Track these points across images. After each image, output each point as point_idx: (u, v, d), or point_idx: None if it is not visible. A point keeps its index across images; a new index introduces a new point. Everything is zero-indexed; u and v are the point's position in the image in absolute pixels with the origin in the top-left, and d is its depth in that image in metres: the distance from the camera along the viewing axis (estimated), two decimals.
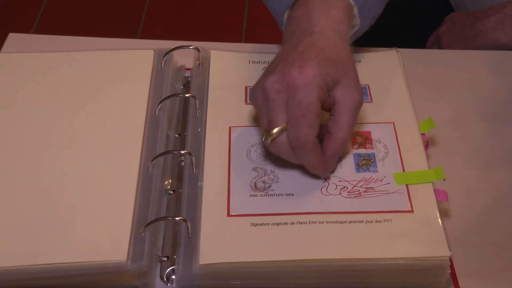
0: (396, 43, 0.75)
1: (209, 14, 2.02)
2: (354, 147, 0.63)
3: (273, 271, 0.55)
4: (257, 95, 0.58)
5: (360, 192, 0.59)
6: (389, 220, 0.57)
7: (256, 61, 0.72)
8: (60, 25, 1.96)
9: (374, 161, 0.62)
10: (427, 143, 0.65)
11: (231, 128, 0.65)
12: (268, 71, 0.59)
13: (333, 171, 0.60)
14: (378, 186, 0.59)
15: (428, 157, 0.63)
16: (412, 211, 0.57)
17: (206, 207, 0.58)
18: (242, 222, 0.57)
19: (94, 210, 0.58)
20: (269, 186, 0.60)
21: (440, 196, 0.59)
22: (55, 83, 0.70)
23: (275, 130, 0.56)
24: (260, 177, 0.60)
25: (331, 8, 0.61)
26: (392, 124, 0.65)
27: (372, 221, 0.56)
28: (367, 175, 0.60)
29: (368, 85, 0.69)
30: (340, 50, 0.59)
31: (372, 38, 0.72)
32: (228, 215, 0.57)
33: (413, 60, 0.76)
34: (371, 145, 0.63)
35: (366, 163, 0.62)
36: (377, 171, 0.61)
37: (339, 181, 0.60)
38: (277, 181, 0.60)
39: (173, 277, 0.56)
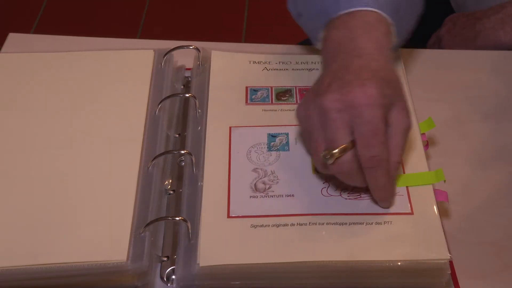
0: None
1: (209, 14, 2.02)
2: None
3: (274, 272, 0.55)
4: (311, 113, 0.56)
5: (360, 194, 0.59)
6: (389, 222, 0.56)
7: (256, 61, 0.72)
8: (60, 25, 1.96)
9: None
10: (427, 143, 0.65)
11: (232, 128, 0.65)
12: (320, 90, 0.56)
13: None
14: None
15: (428, 157, 0.63)
16: (412, 213, 0.57)
17: (206, 208, 0.58)
18: (242, 224, 0.57)
19: (94, 210, 0.58)
20: (269, 187, 0.59)
21: (440, 197, 0.59)
22: (55, 83, 0.70)
23: (337, 150, 0.54)
24: (260, 178, 0.60)
25: (374, 30, 0.60)
26: None
27: (372, 223, 0.56)
28: None
29: None
30: (391, 72, 0.58)
31: None
32: (228, 216, 0.57)
33: (413, 60, 0.76)
34: None
35: None
36: None
37: (340, 182, 0.59)
38: (277, 182, 0.60)
39: (173, 277, 0.56)
